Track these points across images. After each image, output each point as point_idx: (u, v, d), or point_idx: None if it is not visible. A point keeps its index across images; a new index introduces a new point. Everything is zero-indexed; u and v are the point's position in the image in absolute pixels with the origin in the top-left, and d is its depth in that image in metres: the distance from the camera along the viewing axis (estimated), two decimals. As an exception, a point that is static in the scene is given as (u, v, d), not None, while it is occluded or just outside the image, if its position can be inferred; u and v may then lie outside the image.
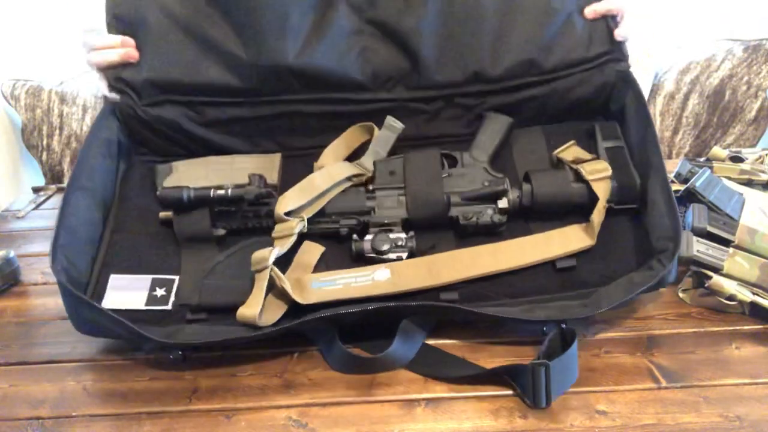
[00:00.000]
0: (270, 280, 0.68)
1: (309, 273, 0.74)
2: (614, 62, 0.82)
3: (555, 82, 0.83)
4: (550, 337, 0.65)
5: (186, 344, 0.68)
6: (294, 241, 0.73)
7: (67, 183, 0.74)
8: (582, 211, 0.76)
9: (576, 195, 0.76)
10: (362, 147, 0.86)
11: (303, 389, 0.66)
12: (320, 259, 0.76)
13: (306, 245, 0.76)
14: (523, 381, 0.62)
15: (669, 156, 1.53)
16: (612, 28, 0.81)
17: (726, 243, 0.74)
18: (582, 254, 0.74)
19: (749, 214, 0.76)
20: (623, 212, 0.76)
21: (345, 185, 0.80)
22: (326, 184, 0.77)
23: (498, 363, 0.66)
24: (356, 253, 0.74)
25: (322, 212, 0.77)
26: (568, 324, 0.66)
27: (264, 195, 0.75)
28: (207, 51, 0.81)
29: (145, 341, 0.68)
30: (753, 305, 0.71)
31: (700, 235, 0.74)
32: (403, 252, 0.74)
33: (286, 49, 0.80)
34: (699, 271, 0.73)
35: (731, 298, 0.71)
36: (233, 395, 0.66)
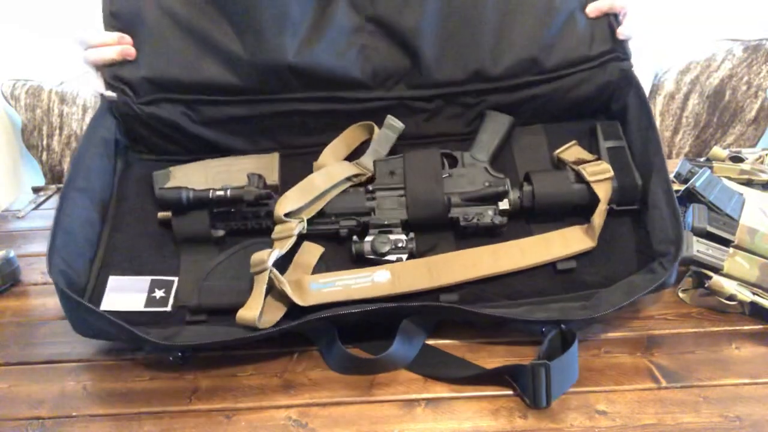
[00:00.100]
0: (269, 282, 0.68)
1: (308, 274, 0.74)
2: (616, 61, 0.81)
3: (556, 81, 0.83)
4: (550, 337, 0.65)
5: (185, 346, 0.68)
6: (293, 243, 0.73)
7: (64, 184, 0.73)
8: (583, 212, 0.75)
9: (577, 196, 0.76)
10: (362, 146, 0.86)
11: (303, 389, 0.66)
12: (320, 260, 0.76)
13: (305, 246, 0.76)
14: (524, 381, 0.62)
15: (669, 156, 1.53)
16: (614, 27, 0.80)
17: (726, 243, 0.74)
18: (582, 255, 0.74)
19: (749, 214, 0.76)
20: (624, 213, 0.76)
21: (345, 185, 0.79)
22: (326, 185, 0.77)
23: (498, 363, 0.66)
24: (356, 255, 0.74)
25: (322, 213, 0.77)
26: (568, 325, 0.66)
27: (263, 196, 0.75)
28: (205, 49, 0.80)
29: (145, 343, 0.68)
30: (753, 305, 0.71)
31: (700, 235, 0.74)
32: (403, 254, 0.73)
33: (286, 47, 0.79)
34: (699, 271, 0.73)
35: (731, 298, 0.71)
36: (233, 395, 0.66)
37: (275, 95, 0.83)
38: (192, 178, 0.81)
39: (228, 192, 0.74)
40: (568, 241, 0.74)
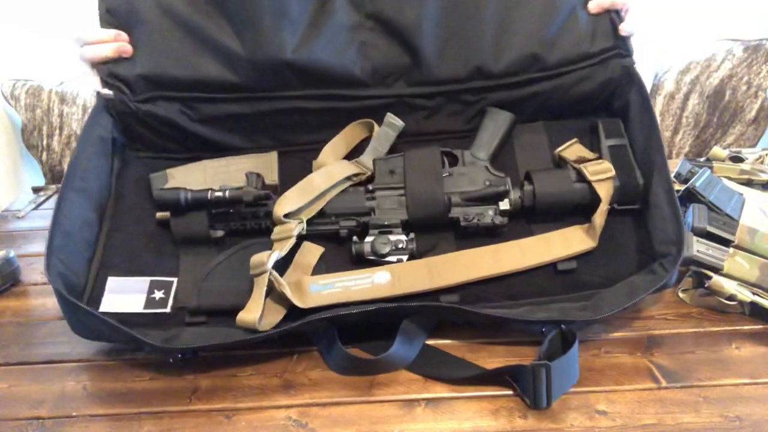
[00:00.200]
0: (269, 284, 0.68)
1: (308, 274, 0.73)
2: (618, 58, 0.80)
3: (558, 78, 0.82)
4: (551, 338, 0.65)
5: (185, 348, 0.67)
6: (293, 244, 0.72)
7: (61, 184, 0.73)
8: (584, 212, 0.75)
9: (578, 196, 0.75)
10: (362, 144, 0.85)
11: (303, 389, 0.66)
12: (319, 260, 0.75)
13: (305, 246, 0.76)
14: (524, 381, 0.62)
15: (669, 156, 1.53)
16: (616, 23, 0.79)
17: (726, 243, 0.74)
18: (583, 255, 0.74)
19: (749, 214, 0.76)
20: (625, 212, 0.76)
21: (344, 185, 0.79)
22: (326, 185, 0.76)
23: (498, 363, 0.66)
24: (356, 255, 0.74)
25: (322, 213, 0.77)
26: (568, 325, 0.66)
27: (262, 197, 0.75)
28: (203, 46, 0.79)
29: (145, 345, 0.67)
30: (753, 305, 0.71)
31: (700, 235, 0.74)
32: (404, 254, 0.73)
33: (284, 44, 0.78)
34: (699, 271, 0.73)
35: (731, 298, 0.71)
36: (233, 395, 0.66)
37: (274, 92, 0.82)
38: (190, 179, 0.80)
39: (226, 193, 0.74)
40: (569, 242, 0.74)
